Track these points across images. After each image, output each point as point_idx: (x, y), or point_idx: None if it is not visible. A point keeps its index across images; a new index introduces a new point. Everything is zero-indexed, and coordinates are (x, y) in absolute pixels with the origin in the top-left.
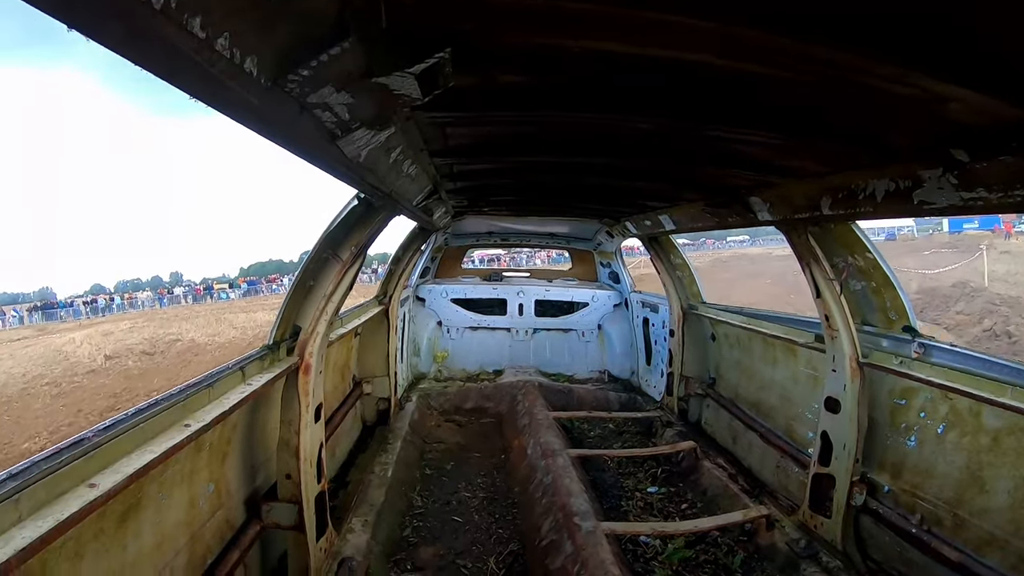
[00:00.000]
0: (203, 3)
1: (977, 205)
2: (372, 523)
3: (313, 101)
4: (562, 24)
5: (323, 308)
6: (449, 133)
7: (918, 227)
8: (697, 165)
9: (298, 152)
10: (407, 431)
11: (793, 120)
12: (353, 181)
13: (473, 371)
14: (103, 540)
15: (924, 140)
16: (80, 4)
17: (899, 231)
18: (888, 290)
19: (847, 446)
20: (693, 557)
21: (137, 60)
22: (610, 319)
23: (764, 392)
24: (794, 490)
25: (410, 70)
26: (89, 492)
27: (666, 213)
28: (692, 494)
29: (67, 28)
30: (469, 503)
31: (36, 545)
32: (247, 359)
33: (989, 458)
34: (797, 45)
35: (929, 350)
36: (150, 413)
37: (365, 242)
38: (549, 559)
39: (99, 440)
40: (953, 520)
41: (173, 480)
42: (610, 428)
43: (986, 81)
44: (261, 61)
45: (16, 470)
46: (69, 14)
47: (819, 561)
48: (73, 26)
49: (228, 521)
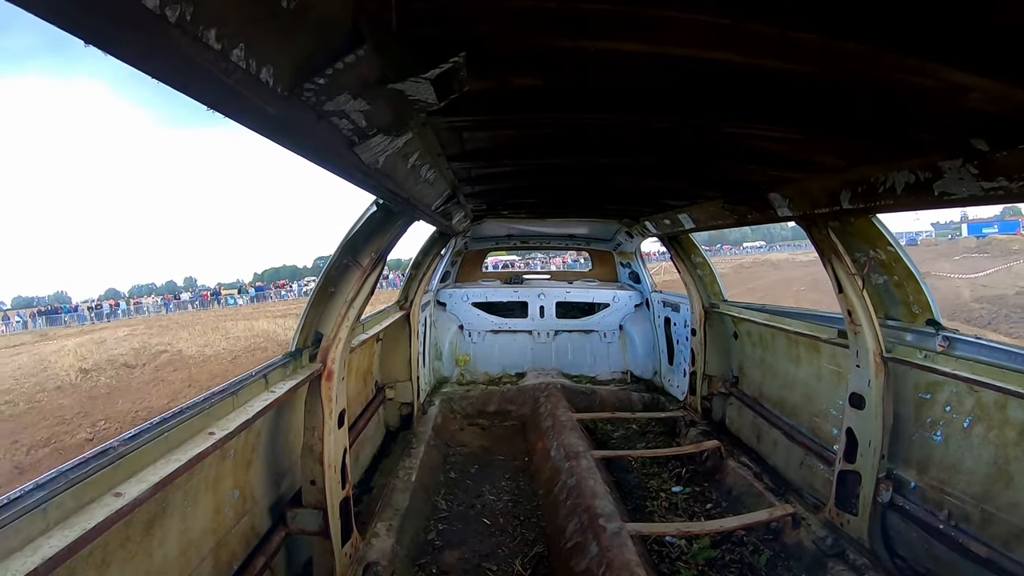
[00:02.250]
0: (218, 15)
1: (998, 195)
2: (397, 528)
3: (330, 109)
4: (577, 25)
5: (344, 314)
6: (466, 137)
7: (937, 231)
8: (716, 163)
9: (316, 160)
10: (430, 435)
11: (812, 115)
12: (371, 187)
13: (495, 374)
14: (129, 548)
15: (944, 131)
16: (95, 19)
17: (919, 236)
18: (911, 283)
19: (872, 442)
20: (719, 557)
21: (153, 73)
22: (631, 319)
23: (788, 389)
24: (820, 488)
25: (425, 75)
26: (115, 501)
27: (685, 212)
28: (717, 493)
29: (84, 44)
30: (493, 506)
31: (63, 554)
32: (270, 366)
33: (1016, 452)
34: (815, 40)
35: (953, 343)
36: (175, 421)
37: (385, 248)
38: (574, 561)
39: (125, 449)
40: (981, 515)
41: (198, 488)
42: (633, 429)
43: (1007, 70)
44: (277, 70)
45: (43, 480)
46: (85, 29)
47: (846, 559)
48: (90, 41)
49: (253, 528)
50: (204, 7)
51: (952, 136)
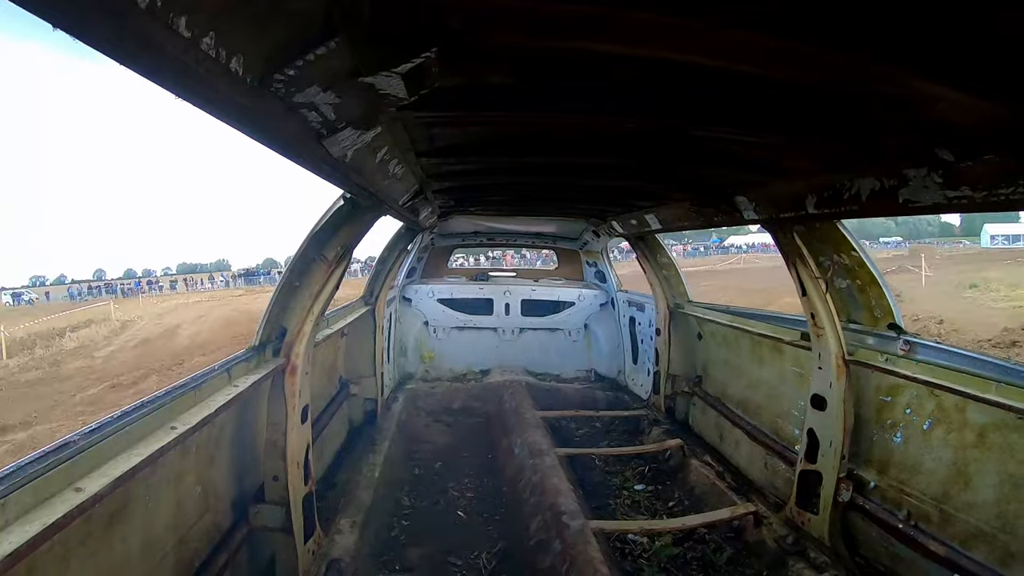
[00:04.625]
0: (189, 2)
1: (961, 203)
2: (360, 524)
3: (299, 101)
4: (550, 25)
5: (309, 308)
6: (436, 133)
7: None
8: (684, 164)
9: (284, 152)
10: (395, 431)
11: (781, 120)
12: (339, 181)
13: (460, 371)
14: (90, 544)
15: (911, 140)
16: (65, 3)
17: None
18: (873, 288)
19: (833, 443)
20: (681, 554)
21: (122, 59)
22: (597, 318)
23: (751, 390)
24: (781, 487)
25: (396, 70)
26: (76, 496)
27: (652, 212)
28: (679, 492)
29: (52, 27)
30: (458, 503)
31: (23, 550)
32: (233, 360)
33: (975, 454)
34: (787, 46)
35: (915, 347)
36: (136, 416)
37: (351, 242)
38: (538, 557)
39: (85, 444)
40: (940, 515)
41: (160, 483)
42: (597, 427)
43: (974, 81)
44: (247, 61)
45: (2, 475)
46: (53, 13)
47: (807, 557)
48: (58, 25)
49: (216, 524)
50: None
51: (918, 145)
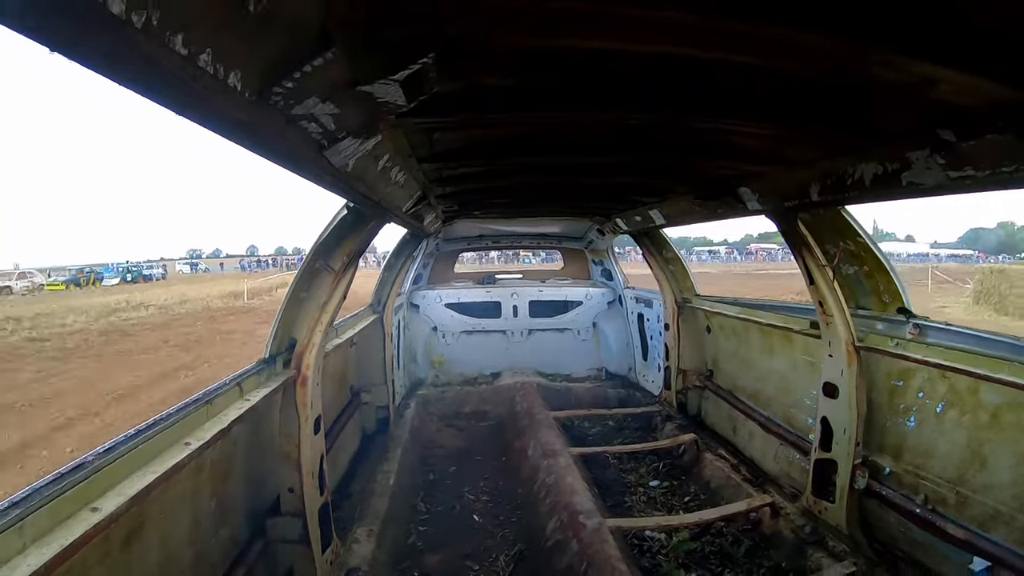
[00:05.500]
0: (184, 20)
1: (965, 184)
2: (377, 532)
3: (298, 113)
4: (546, 24)
5: (318, 319)
6: (436, 138)
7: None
8: (686, 158)
9: (285, 164)
10: (407, 438)
11: (782, 109)
12: (341, 191)
13: (470, 375)
14: (108, 564)
15: (913, 123)
16: (59, 25)
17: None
18: (881, 274)
19: (847, 430)
20: (699, 549)
21: (119, 79)
22: (605, 316)
23: (762, 381)
24: (797, 477)
25: (394, 77)
26: (92, 516)
27: (656, 208)
28: (695, 486)
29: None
30: (473, 507)
31: (41, 572)
32: (244, 374)
33: (989, 435)
34: (784, 35)
35: (925, 330)
36: (150, 433)
37: (357, 251)
38: (556, 558)
39: (100, 463)
40: (956, 498)
41: (176, 499)
42: (610, 425)
43: (976, 62)
44: (245, 75)
45: (18, 497)
46: (48, 35)
47: (825, 546)
48: (55, 49)
49: (232, 538)
50: (171, 12)
51: (920, 127)
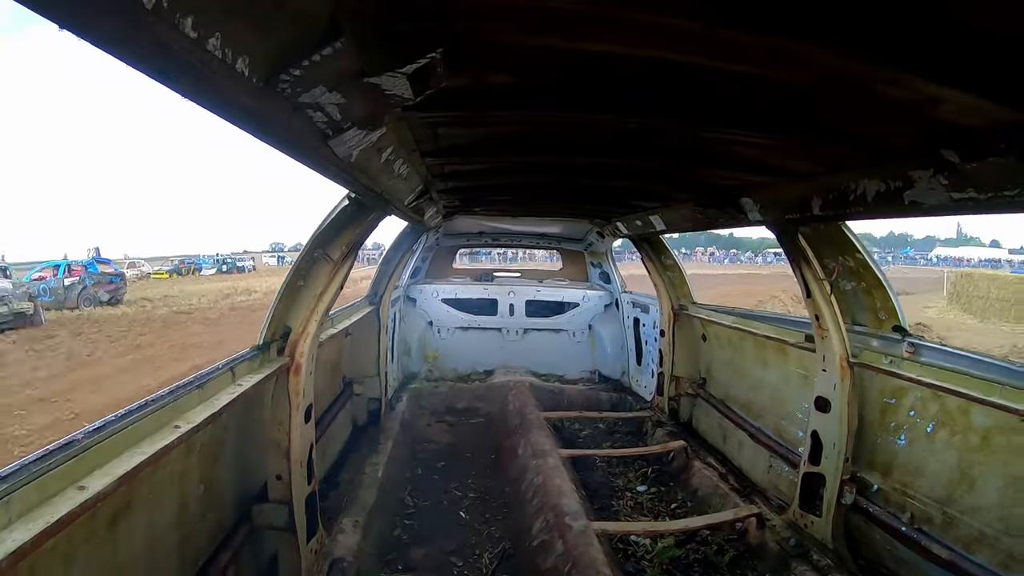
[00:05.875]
0: (195, 3)
1: (967, 205)
2: (363, 524)
3: (305, 101)
4: (554, 25)
5: (314, 308)
6: (441, 133)
7: None
8: (689, 165)
9: (290, 152)
10: (398, 431)
11: (785, 121)
12: (344, 181)
13: (464, 371)
14: (94, 542)
15: (916, 141)
16: (71, 3)
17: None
18: (878, 290)
19: (837, 445)
20: (683, 556)
21: (128, 60)
22: (601, 319)
23: (755, 392)
24: (784, 489)
25: (402, 70)
26: (79, 494)
27: (657, 213)
28: (682, 494)
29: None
30: (460, 503)
31: (26, 548)
32: (238, 359)
33: (978, 456)
34: (788, 46)
35: (919, 349)
36: (140, 414)
37: (356, 242)
38: (540, 558)
39: (89, 442)
40: (943, 518)
41: (164, 482)
42: (600, 428)
43: (979, 83)
44: (253, 61)
45: (5, 473)
46: (60, 13)
47: (809, 560)
48: (64, 26)
49: (219, 522)
50: None
51: (923, 146)
